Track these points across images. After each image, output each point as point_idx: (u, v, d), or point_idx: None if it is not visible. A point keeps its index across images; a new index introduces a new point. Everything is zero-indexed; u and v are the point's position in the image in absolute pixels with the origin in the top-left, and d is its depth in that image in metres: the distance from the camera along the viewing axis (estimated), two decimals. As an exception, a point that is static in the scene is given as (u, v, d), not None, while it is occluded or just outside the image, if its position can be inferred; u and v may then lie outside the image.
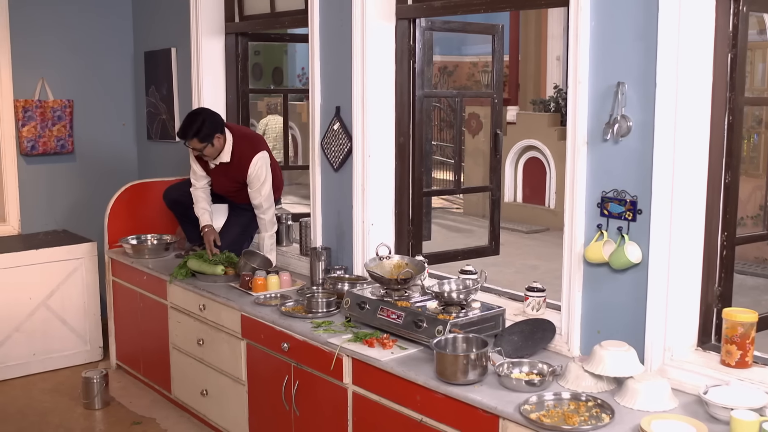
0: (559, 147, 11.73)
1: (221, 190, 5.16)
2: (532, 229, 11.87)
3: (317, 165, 4.78)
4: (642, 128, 3.10)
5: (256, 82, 19.64)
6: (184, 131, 4.76)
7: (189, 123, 4.76)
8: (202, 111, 4.88)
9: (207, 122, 4.76)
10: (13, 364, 5.76)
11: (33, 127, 6.27)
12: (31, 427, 5.03)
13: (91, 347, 6.09)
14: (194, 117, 4.78)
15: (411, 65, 4.43)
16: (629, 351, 3.05)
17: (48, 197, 6.48)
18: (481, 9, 4.00)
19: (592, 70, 3.25)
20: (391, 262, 4.09)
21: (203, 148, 4.80)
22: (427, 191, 4.67)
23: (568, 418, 2.81)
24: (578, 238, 3.36)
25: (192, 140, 4.75)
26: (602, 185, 3.26)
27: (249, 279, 4.62)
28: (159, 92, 6.32)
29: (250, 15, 5.74)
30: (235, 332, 4.44)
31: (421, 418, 3.26)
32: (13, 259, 5.69)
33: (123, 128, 6.81)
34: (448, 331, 3.41)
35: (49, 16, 6.35)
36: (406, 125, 4.47)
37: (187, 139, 4.76)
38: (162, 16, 6.29)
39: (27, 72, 6.27)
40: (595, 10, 3.22)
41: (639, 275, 3.17)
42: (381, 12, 4.35)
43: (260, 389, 4.31)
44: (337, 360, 3.65)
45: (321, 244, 4.80)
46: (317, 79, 4.71)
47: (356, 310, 3.90)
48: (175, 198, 5.36)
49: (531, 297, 3.78)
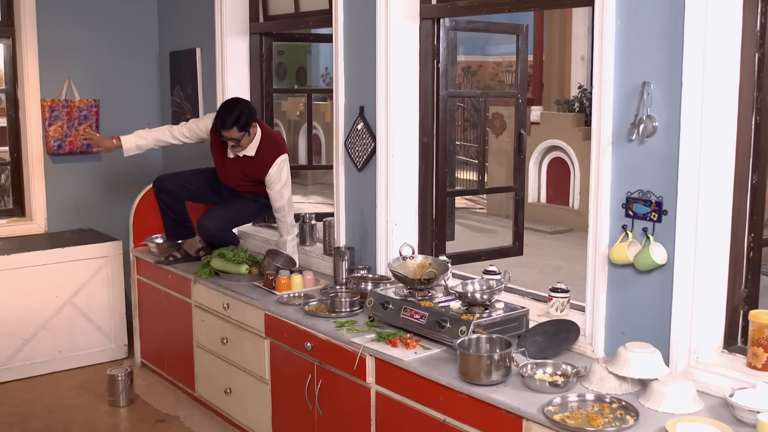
0: (583, 147, 11.67)
1: (230, 181, 5.09)
2: (556, 230, 11.82)
3: (341, 165, 4.79)
4: (668, 128, 3.08)
5: (280, 81, 19.70)
6: (223, 120, 4.67)
7: (228, 111, 4.68)
8: (239, 100, 4.82)
9: (245, 111, 4.72)
10: (39, 362, 5.81)
11: (60, 126, 6.33)
12: (57, 423, 5.08)
13: (116, 345, 6.14)
14: (233, 106, 4.71)
15: (435, 65, 4.42)
16: (654, 353, 3.03)
17: (74, 196, 6.54)
18: (506, 9, 3.98)
19: (617, 70, 3.23)
20: (415, 262, 4.08)
21: (241, 137, 4.73)
22: (450, 191, 4.67)
23: (592, 419, 2.80)
24: (603, 238, 3.34)
25: (231, 129, 4.67)
26: (627, 186, 3.24)
27: (273, 278, 4.63)
28: (184, 92, 6.35)
29: (275, 15, 5.76)
30: (258, 331, 4.45)
31: (444, 418, 3.25)
32: (39, 258, 5.75)
33: (148, 128, 6.84)
34: (471, 332, 3.41)
35: (76, 17, 6.40)
36: (429, 125, 4.47)
37: (227, 128, 4.67)
38: (187, 16, 6.32)
39: (54, 72, 6.33)
40: (620, 9, 3.20)
41: (664, 276, 3.14)
42: (405, 12, 4.35)
43: (283, 388, 4.32)
44: (360, 359, 3.65)
45: (344, 243, 4.81)
46: (341, 78, 4.72)
47: (379, 309, 3.90)
48: (168, 188, 5.28)
49: (555, 298, 3.77)
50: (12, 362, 5.71)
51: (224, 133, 4.71)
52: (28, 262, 5.69)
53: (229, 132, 4.69)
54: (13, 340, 5.70)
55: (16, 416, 5.18)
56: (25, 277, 5.68)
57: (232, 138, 4.73)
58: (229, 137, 4.73)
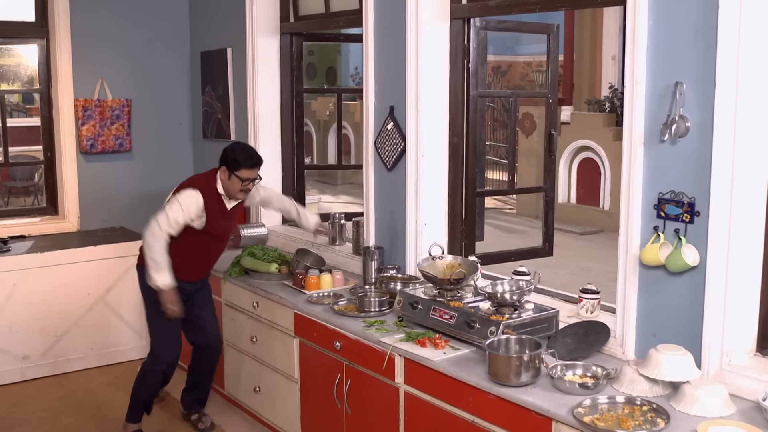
0: (614, 147, 11.59)
1: (223, 239, 4.71)
2: (586, 231, 11.75)
3: (370, 164, 4.80)
4: (700, 128, 3.05)
5: (310, 81, 19.78)
6: (257, 158, 4.49)
7: (251, 151, 4.53)
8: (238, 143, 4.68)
9: None
10: (72, 358, 5.88)
11: (92, 126, 6.40)
12: (90, 419, 5.13)
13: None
14: (247, 146, 4.57)
15: (465, 65, 4.41)
16: (686, 355, 3.00)
17: (106, 195, 6.60)
18: (536, 8, 3.97)
19: (649, 70, 3.21)
20: (444, 262, 4.08)
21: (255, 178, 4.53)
22: (480, 191, 4.65)
23: (622, 422, 2.78)
24: (634, 239, 3.32)
25: (259, 167, 4.51)
26: (659, 186, 3.21)
27: (302, 277, 4.65)
28: (215, 92, 6.39)
29: (305, 15, 5.78)
30: (288, 330, 4.47)
31: (473, 419, 3.25)
32: (72, 256, 5.81)
33: (179, 127, 6.90)
34: (500, 332, 3.40)
35: (109, 19, 6.46)
36: (459, 125, 4.46)
37: (259, 165, 4.50)
38: (218, 16, 6.36)
39: (87, 72, 6.40)
40: (653, 8, 3.17)
41: (696, 278, 3.11)
42: (435, 12, 4.35)
43: (312, 387, 4.34)
44: (389, 359, 3.65)
45: (374, 243, 4.81)
46: (371, 78, 4.72)
47: (408, 309, 3.90)
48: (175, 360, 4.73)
49: (585, 299, 3.75)
50: (45, 358, 5.78)
51: (252, 172, 4.46)
52: (60, 260, 5.76)
53: (256, 170, 4.50)
54: (46, 337, 5.77)
55: (48, 412, 5.25)
56: (57, 275, 5.75)
57: (251, 179, 4.49)
58: (253, 177, 4.49)
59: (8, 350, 5.64)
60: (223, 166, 4.47)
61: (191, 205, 4.41)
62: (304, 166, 6.02)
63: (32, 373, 5.74)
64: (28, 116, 12.70)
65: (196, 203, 4.42)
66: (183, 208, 4.40)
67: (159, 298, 4.41)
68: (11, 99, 12.51)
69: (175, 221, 4.39)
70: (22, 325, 5.66)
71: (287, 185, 5.93)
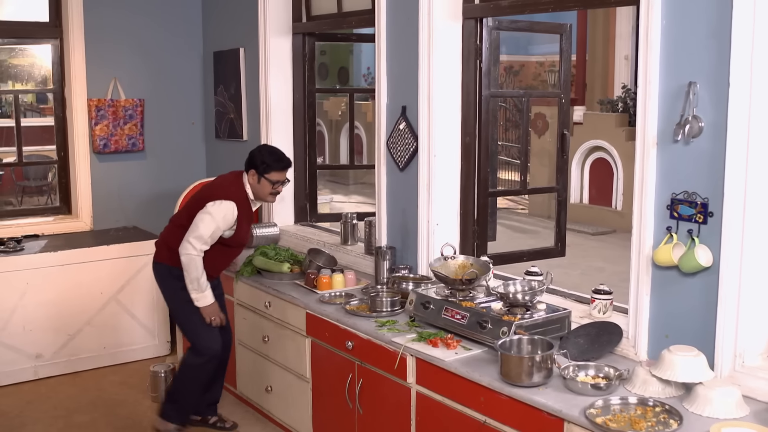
0: (626, 148, 11.56)
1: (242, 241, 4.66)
2: (599, 231, 11.72)
3: (383, 164, 4.80)
4: (714, 129, 3.04)
5: (322, 81, 19.79)
6: (287, 160, 4.52)
7: (280, 153, 4.55)
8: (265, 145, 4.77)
9: None
10: (84, 357, 5.91)
11: (105, 125, 6.42)
12: (102, 418, 5.15)
13: (159, 342, 6.21)
14: (276, 149, 4.58)
15: (477, 65, 4.41)
16: (699, 356, 2.99)
17: (119, 194, 6.63)
18: (549, 8, 3.96)
19: (662, 70, 3.20)
20: (456, 262, 4.07)
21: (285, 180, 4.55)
22: (492, 191, 4.64)
23: (634, 423, 2.77)
24: (647, 240, 3.31)
25: (288, 169, 4.55)
26: (672, 187, 3.20)
27: (314, 277, 4.65)
28: (227, 92, 6.41)
29: (318, 15, 5.78)
30: (299, 330, 4.48)
31: (484, 419, 3.24)
32: (85, 255, 5.83)
33: (192, 127, 6.92)
34: (513, 333, 3.39)
35: (122, 19, 6.49)
36: (472, 125, 4.46)
37: (289, 167, 4.54)
38: (231, 16, 6.38)
39: (100, 72, 6.42)
40: (666, 8, 3.16)
41: (709, 279, 3.10)
42: (448, 11, 4.34)
43: (324, 387, 4.34)
44: (401, 359, 3.65)
45: (386, 243, 4.81)
46: (383, 78, 4.72)
47: (420, 309, 3.90)
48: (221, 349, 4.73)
49: (597, 299, 3.74)
50: (58, 357, 5.81)
51: (282, 174, 4.49)
52: (73, 259, 5.78)
53: (286, 172, 4.53)
54: (59, 336, 5.80)
55: (61, 410, 5.27)
56: (70, 274, 5.77)
57: (282, 181, 4.52)
58: (283, 179, 4.52)
59: (21, 349, 5.66)
60: (252, 170, 4.48)
61: (229, 219, 4.43)
62: (316, 165, 6.02)
63: (45, 372, 5.77)
64: (41, 116, 12.74)
65: (232, 215, 4.44)
66: (219, 224, 4.41)
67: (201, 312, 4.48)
68: (25, 99, 12.57)
69: (211, 239, 4.42)
70: (35, 324, 5.69)
71: (299, 185, 5.93)
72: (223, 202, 4.41)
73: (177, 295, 4.55)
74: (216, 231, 4.40)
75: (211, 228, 4.38)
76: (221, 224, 4.40)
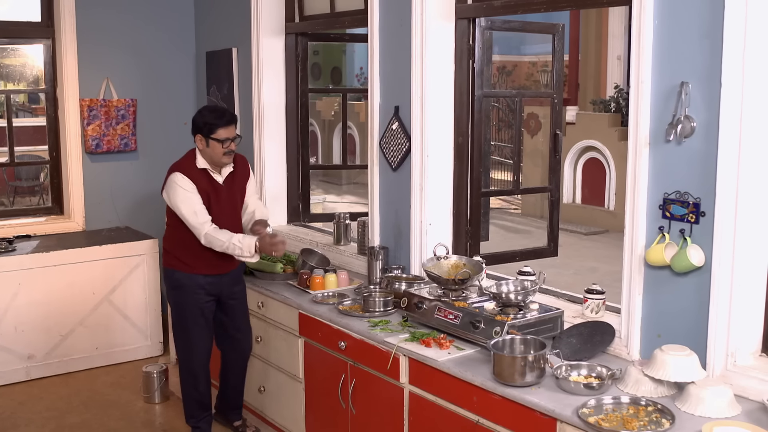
0: (619, 148, 11.58)
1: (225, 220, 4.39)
2: (591, 231, 11.74)
3: (375, 165, 4.79)
4: (706, 129, 3.04)
5: (315, 81, 19.79)
6: (230, 115, 4.29)
7: (221, 109, 4.34)
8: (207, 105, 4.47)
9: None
10: (77, 358, 5.90)
11: (98, 125, 6.41)
12: (94, 419, 5.14)
13: (152, 342, 6.20)
14: (216, 106, 4.30)
15: (470, 65, 4.41)
16: (691, 356, 3.00)
17: (111, 194, 6.61)
18: (542, 8, 3.96)
19: (654, 70, 3.20)
20: (449, 262, 4.08)
21: (235, 137, 4.31)
22: (485, 191, 4.64)
23: (627, 422, 2.78)
24: (639, 240, 3.31)
25: (234, 124, 4.29)
26: (664, 187, 3.21)
27: (307, 277, 4.65)
28: (220, 92, 6.40)
29: (310, 15, 5.77)
30: (292, 330, 4.47)
31: (477, 419, 3.24)
32: (77, 255, 5.83)
33: (184, 127, 6.86)
34: (505, 333, 3.40)
35: (114, 19, 6.48)
36: (464, 125, 4.46)
37: (234, 122, 4.29)
38: (223, 16, 6.37)
39: (92, 72, 6.41)
40: (658, 8, 3.17)
41: (701, 279, 3.11)
42: (441, 11, 4.35)
43: (317, 387, 4.34)
44: (393, 359, 3.65)
45: (379, 243, 4.81)
46: (376, 78, 4.72)
47: (413, 309, 3.90)
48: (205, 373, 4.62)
49: (590, 299, 3.74)
50: (50, 358, 5.79)
51: (230, 130, 4.26)
52: (65, 260, 5.77)
53: (233, 128, 4.29)
54: (52, 337, 5.78)
55: (53, 411, 5.26)
56: (62, 275, 5.76)
57: (230, 138, 4.26)
58: (233, 136, 4.28)
59: (13, 350, 5.65)
60: (197, 135, 4.29)
61: (186, 184, 4.24)
62: (309, 165, 6.01)
63: (37, 373, 5.76)
64: (33, 116, 12.72)
65: (187, 183, 4.24)
66: (186, 190, 4.23)
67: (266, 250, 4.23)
68: (17, 99, 12.53)
69: (198, 204, 4.23)
70: (27, 325, 5.68)
71: (292, 185, 5.93)
72: (169, 179, 4.31)
73: (168, 296, 4.58)
74: (191, 198, 4.23)
75: (183, 198, 4.22)
76: (189, 190, 4.23)
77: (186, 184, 4.26)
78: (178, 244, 4.44)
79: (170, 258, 4.49)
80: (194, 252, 4.38)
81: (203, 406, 4.66)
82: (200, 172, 4.34)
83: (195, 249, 4.36)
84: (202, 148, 4.32)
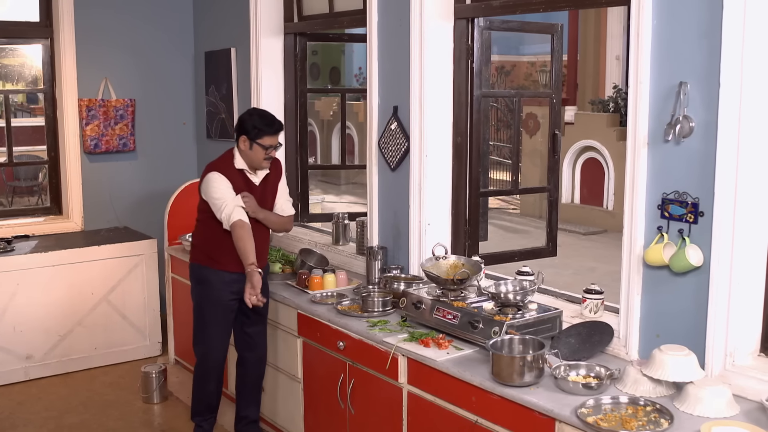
0: (618, 147, 11.58)
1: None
2: (590, 231, 11.74)
3: (374, 164, 4.79)
4: (705, 129, 3.04)
5: (314, 81, 19.78)
6: (279, 124, 4.31)
7: (271, 116, 4.34)
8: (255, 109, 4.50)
9: None
10: (76, 358, 5.89)
11: (96, 125, 6.40)
12: (93, 419, 5.14)
13: (151, 342, 6.20)
14: (267, 113, 4.34)
15: (469, 65, 4.41)
16: (690, 356, 3.00)
17: (110, 195, 6.61)
18: (541, 8, 3.96)
19: (653, 70, 3.20)
20: (448, 262, 4.07)
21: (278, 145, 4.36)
22: (484, 191, 4.64)
23: (625, 422, 2.78)
24: (638, 240, 3.31)
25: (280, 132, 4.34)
26: (663, 187, 3.21)
27: (306, 277, 4.65)
28: (219, 92, 6.40)
29: (309, 15, 5.77)
30: (291, 330, 4.47)
31: (476, 419, 3.24)
32: (76, 255, 5.82)
33: (183, 127, 6.91)
34: (504, 333, 3.40)
35: (113, 19, 6.48)
36: (463, 125, 4.46)
37: (281, 129, 4.34)
38: (222, 17, 6.37)
39: (91, 72, 6.41)
40: (657, 8, 3.17)
41: (700, 279, 3.11)
42: (439, 11, 4.34)
43: (316, 387, 4.34)
44: (392, 359, 3.65)
45: (377, 243, 4.81)
46: (375, 78, 4.72)
47: (412, 309, 3.90)
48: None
49: (589, 299, 3.74)
50: (49, 358, 5.79)
51: (275, 138, 4.29)
52: (64, 260, 5.77)
53: (278, 136, 4.33)
54: (50, 337, 5.78)
55: (52, 411, 5.26)
56: (61, 275, 5.76)
57: (274, 146, 4.31)
58: (273, 146, 4.31)
59: (12, 350, 5.65)
60: (242, 136, 4.29)
61: (222, 182, 4.24)
62: (307, 165, 6.01)
63: (36, 373, 5.76)
64: (32, 116, 12.72)
65: (223, 183, 4.24)
66: (221, 185, 4.22)
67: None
68: (15, 99, 12.53)
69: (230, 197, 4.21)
70: (26, 325, 5.67)
71: (291, 185, 5.89)
72: (205, 178, 4.31)
73: (192, 292, 4.53)
74: (225, 191, 4.22)
75: (217, 191, 4.21)
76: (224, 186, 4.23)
77: (222, 182, 4.26)
78: (206, 240, 4.43)
79: (198, 253, 4.48)
80: (223, 248, 4.34)
81: (210, 407, 4.65)
82: (237, 173, 4.34)
83: (224, 245, 4.32)
84: (244, 149, 4.32)
